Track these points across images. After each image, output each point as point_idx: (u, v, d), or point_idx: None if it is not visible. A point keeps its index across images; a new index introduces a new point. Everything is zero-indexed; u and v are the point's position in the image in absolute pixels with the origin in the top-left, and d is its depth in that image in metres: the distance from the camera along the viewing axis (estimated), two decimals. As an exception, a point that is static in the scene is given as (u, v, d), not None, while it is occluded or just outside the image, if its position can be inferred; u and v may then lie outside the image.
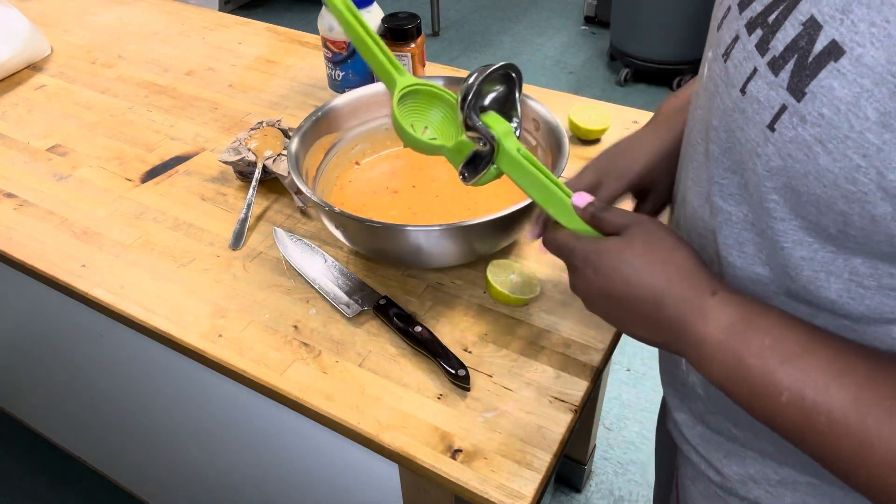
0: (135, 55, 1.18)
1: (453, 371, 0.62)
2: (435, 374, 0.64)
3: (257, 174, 0.84)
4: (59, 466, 1.50)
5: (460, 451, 0.58)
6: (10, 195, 0.88)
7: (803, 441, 0.39)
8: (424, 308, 0.71)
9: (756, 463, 0.52)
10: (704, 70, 0.46)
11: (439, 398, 0.62)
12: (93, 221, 0.84)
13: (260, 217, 0.83)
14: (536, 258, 0.76)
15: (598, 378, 0.65)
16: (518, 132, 0.55)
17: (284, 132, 0.89)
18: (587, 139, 0.93)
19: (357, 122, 0.85)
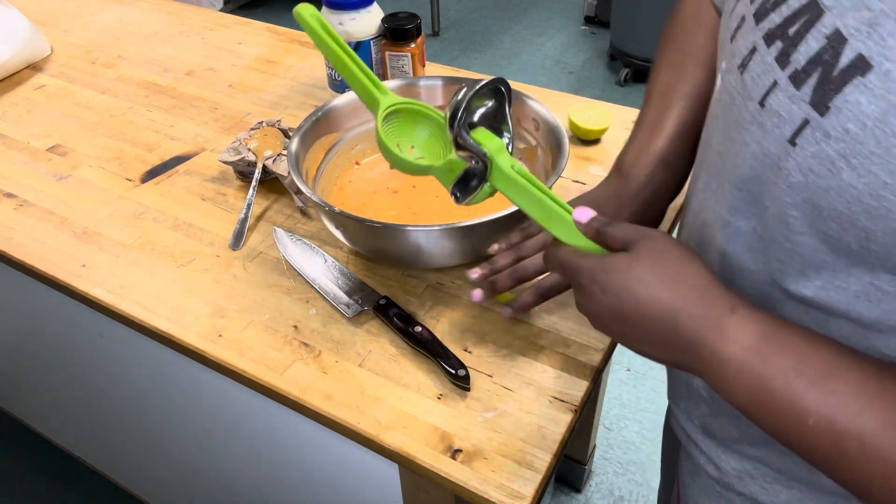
0: (135, 55, 1.18)
1: (453, 371, 0.62)
2: (435, 374, 0.64)
3: (257, 174, 0.84)
4: (59, 466, 1.50)
5: (460, 451, 0.58)
6: (10, 195, 0.88)
7: (830, 466, 0.38)
8: (424, 308, 0.71)
9: (753, 459, 0.52)
10: (717, 81, 0.45)
11: (439, 398, 0.62)
12: (93, 221, 0.84)
13: (260, 217, 0.83)
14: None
15: (598, 378, 0.65)
16: (510, 147, 0.54)
17: (284, 132, 0.89)
18: (587, 139, 0.93)
19: (357, 122, 0.85)
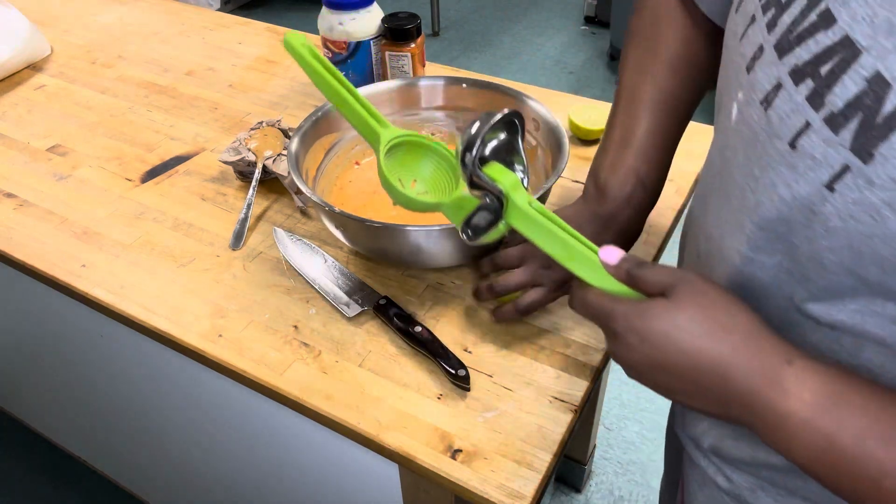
0: (135, 55, 1.18)
1: (453, 371, 0.62)
2: (435, 374, 0.64)
3: (257, 174, 0.84)
4: (59, 466, 1.50)
5: (460, 451, 0.58)
6: (10, 195, 0.88)
7: None
8: (424, 308, 0.71)
9: (768, 481, 0.50)
10: (732, 110, 0.43)
11: (439, 398, 0.62)
12: (93, 221, 0.84)
13: (260, 217, 0.83)
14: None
15: (598, 378, 0.65)
16: (525, 182, 0.51)
17: (284, 132, 0.89)
18: (587, 139, 0.93)
19: (357, 122, 0.85)
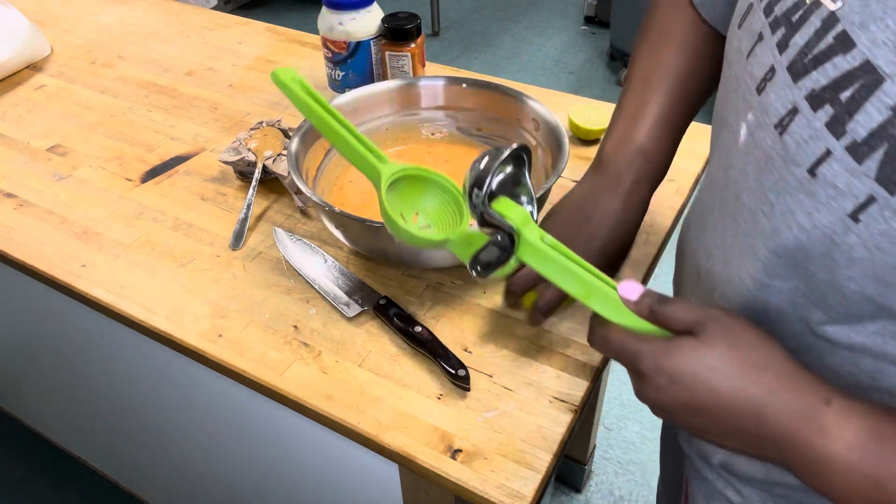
0: (135, 55, 1.18)
1: (453, 371, 0.62)
2: (435, 374, 0.64)
3: (257, 174, 0.84)
4: (59, 466, 1.50)
5: (460, 451, 0.58)
6: (10, 195, 0.88)
7: None
8: (424, 308, 0.71)
9: (781, 488, 0.50)
10: (741, 131, 0.42)
11: (439, 398, 0.62)
12: (93, 221, 0.84)
13: (260, 217, 0.83)
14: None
15: (598, 378, 0.65)
16: (535, 216, 0.50)
17: (284, 132, 0.89)
18: (587, 139, 0.93)
19: (357, 122, 0.85)
